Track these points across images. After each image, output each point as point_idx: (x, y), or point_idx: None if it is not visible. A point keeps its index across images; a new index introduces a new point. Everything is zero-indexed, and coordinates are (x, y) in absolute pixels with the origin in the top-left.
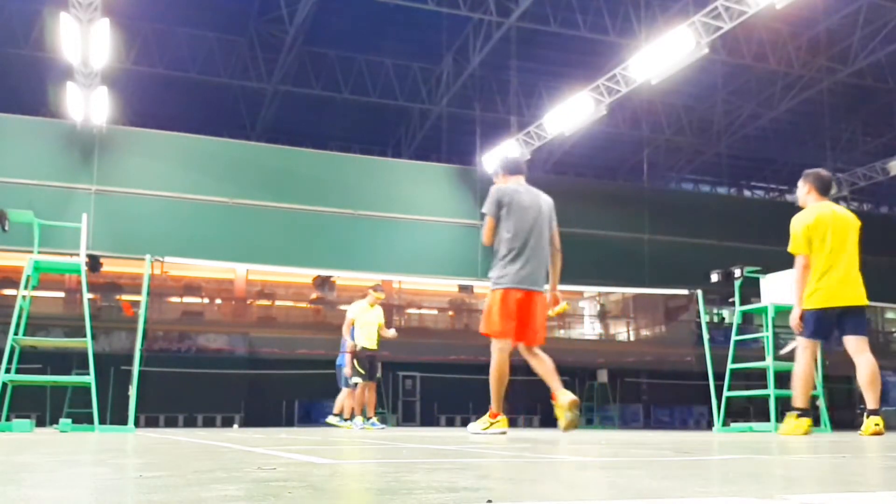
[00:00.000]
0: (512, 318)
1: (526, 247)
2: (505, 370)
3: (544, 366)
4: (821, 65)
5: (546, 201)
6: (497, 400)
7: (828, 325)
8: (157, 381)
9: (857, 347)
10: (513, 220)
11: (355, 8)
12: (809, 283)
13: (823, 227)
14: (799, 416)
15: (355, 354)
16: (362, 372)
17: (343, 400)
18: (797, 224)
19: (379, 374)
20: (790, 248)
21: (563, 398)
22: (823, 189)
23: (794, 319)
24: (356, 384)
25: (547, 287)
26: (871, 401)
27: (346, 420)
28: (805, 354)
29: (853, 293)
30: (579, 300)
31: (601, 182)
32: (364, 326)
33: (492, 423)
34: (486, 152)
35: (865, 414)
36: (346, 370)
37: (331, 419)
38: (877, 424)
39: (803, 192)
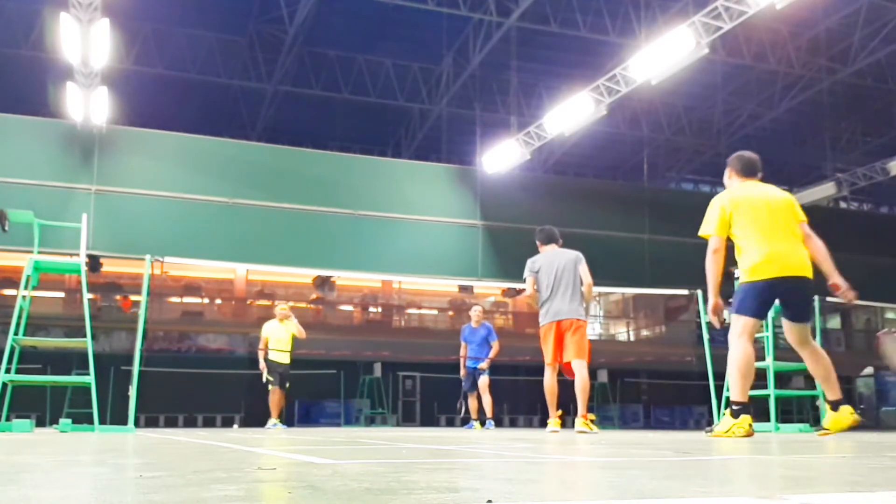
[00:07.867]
0: (550, 346)
1: (553, 294)
2: (548, 386)
3: (578, 384)
4: (821, 65)
5: (571, 258)
6: (550, 407)
7: (769, 300)
8: (157, 381)
9: (799, 338)
10: (542, 278)
11: (355, 8)
12: (745, 259)
13: (747, 204)
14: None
15: (268, 363)
16: (270, 379)
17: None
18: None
19: (287, 386)
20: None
21: (577, 423)
22: (746, 170)
23: (711, 310)
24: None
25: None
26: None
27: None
28: (742, 339)
29: (800, 264)
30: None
31: (601, 182)
32: (276, 343)
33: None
34: (486, 152)
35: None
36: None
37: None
38: (851, 413)
39: (725, 176)
